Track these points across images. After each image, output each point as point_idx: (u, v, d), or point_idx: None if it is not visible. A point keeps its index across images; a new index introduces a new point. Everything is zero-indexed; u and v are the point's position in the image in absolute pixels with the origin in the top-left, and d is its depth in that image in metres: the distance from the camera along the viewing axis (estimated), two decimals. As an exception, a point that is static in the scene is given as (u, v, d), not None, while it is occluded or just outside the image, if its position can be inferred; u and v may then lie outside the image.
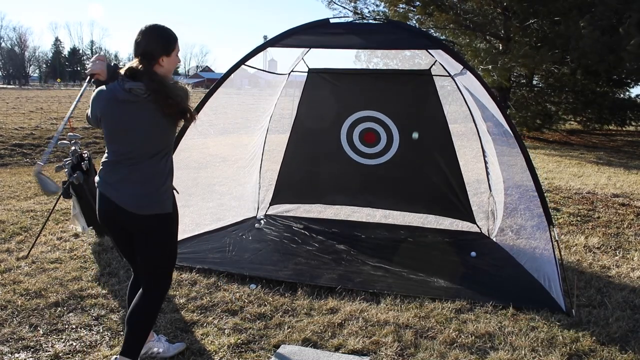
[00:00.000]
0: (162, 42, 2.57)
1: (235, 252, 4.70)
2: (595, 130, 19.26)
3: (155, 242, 2.66)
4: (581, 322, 3.47)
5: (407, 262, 4.58)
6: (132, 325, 2.64)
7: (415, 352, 3.07)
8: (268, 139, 6.08)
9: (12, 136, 12.32)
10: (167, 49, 2.57)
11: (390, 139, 5.64)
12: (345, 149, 5.80)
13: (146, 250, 2.67)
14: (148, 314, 2.69)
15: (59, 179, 8.20)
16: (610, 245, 5.24)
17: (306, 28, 4.29)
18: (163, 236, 2.67)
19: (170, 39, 2.60)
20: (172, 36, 2.62)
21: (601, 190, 7.93)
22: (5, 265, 4.32)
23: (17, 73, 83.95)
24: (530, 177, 3.82)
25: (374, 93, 5.66)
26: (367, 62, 17.37)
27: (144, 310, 2.67)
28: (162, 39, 2.58)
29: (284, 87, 5.90)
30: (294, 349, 3.07)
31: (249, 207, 5.95)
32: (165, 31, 2.60)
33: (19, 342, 3.09)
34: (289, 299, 3.77)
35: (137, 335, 2.65)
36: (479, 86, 4.11)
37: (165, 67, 2.59)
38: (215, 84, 4.50)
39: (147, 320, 2.69)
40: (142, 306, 2.67)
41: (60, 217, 5.86)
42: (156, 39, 2.56)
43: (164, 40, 2.58)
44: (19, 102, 21.86)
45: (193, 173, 5.11)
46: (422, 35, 4.55)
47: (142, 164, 2.57)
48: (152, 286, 2.71)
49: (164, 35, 2.59)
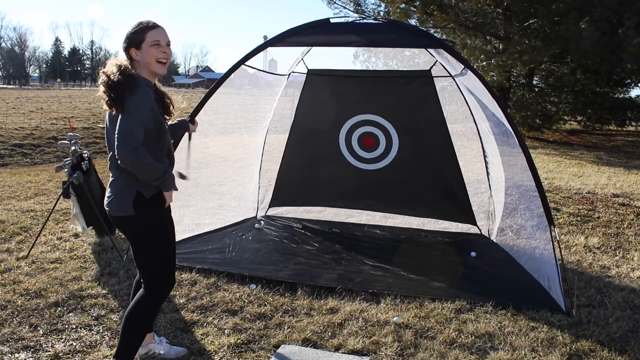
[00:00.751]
0: (128, 35, 2.56)
1: (235, 252, 4.70)
2: (595, 130, 19.25)
3: (131, 243, 2.67)
4: (581, 322, 3.47)
5: (407, 262, 4.58)
6: (126, 324, 2.62)
7: (415, 352, 3.07)
8: (268, 138, 6.07)
9: (12, 136, 12.32)
10: (133, 41, 2.54)
11: (390, 142, 5.61)
12: (344, 153, 5.76)
13: (131, 251, 2.70)
14: (142, 314, 2.65)
15: (59, 179, 8.20)
16: (610, 245, 5.24)
17: (307, 27, 4.29)
18: (135, 239, 2.63)
19: (135, 30, 2.55)
20: (138, 28, 2.55)
21: (601, 190, 7.93)
22: (5, 265, 4.32)
23: (17, 73, 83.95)
24: (532, 177, 3.82)
25: (373, 95, 5.62)
26: (366, 62, 17.37)
27: (136, 311, 2.64)
28: (129, 32, 2.56)
29: (283, 87, 5.89)
30: (294, 349, 3.07)
31: (249, 207, 5.95)
32: (133, 25, 2.58)
33: (19, 342, 3.09)
34: (289, 299, 3.77)
35: (131, 335, 2.62)
36: (480, 86, 4.10)
37: (139, 60, 2.54)
38: (215, 84, 4.49)
39: (142, 320, 2.65)
40: (135, 306, 2.66)
41: (60, 217, 5.86)
42: (125, 35, 2.58)
43: (130, 33, 2.56)
44: (19, 102, 21.86)
45: (193, 173, 5.10)
46: (423, 35, 4.55)
47: (111, 163, 2.59)
48: (147, 286, 2.68)
49: (131, 29, 2.57)
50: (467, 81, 4.69)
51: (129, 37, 2.55)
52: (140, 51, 2.53)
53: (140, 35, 2.53)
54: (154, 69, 2.57)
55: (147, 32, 2.53)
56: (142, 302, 2.66)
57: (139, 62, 2.55)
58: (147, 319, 2.71)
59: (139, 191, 2.54)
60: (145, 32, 2.54)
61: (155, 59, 2.55)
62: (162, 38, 2.56)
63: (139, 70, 2.56)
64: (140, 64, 2.55)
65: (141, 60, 2.54)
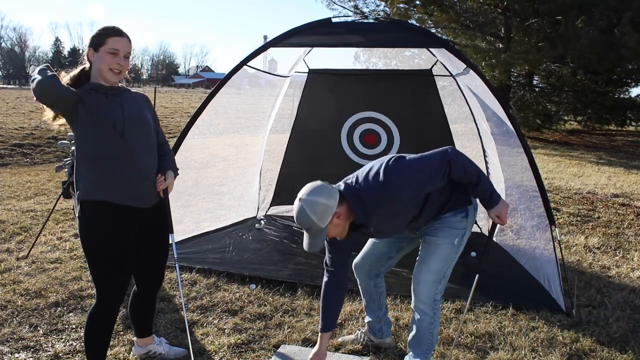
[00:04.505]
0: (92, 35, 2.50)
1: (235, 252, 4.70)
2: (595, 130, 19.26)
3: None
4: (581, 322, 3.47)
5: (407, 262, 4.56)
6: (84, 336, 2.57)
7: (416, 352, 3.06)
8: (268, 138, 6.08)
9: (12, 136, 12.32)
10: (93, 42, 2.46)
11: (391, 140, 5.63)
12: (346, 150, 5.79)
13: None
14: (88, 326, 2.53)
15: (59, 179, 8.20)
16: (610, 245, 5.24)
17: (308, 28, 4.29)
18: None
19: (99, 33, 2.47)
20: (102, 31, 2.47)
21: (601, 190, 7.93)
22: (5, 265, 4.32)
23: (17, 73, 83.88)
24: (533, 177, 3.81)
25: (374, 94, 5.64)
26: (367, 62, 17.37)
27: (87, 322, 2.55)
28: (93, 33, 2.50)
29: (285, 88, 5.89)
30: (294, 349, 3.07)
31: (249, 207, 5.95)
32: (100, 27, 2.52)
33: (19, 342, 3.09)
34: (289, 299, 3.77)
35: (87, 347, 2.57)
36: (482, 85, 4.10)
37: (94, 62, 2.46)
38: (218, 85, 4.49)
39: (90, 335, 2.53)
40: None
41: (60, 217, 5.86)
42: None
43: (94, 34, 2.49)
44: (19, 102, 21.84)
45: (193, 173, 5.11)
46: (425, 34, 4.55)
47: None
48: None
49: (96, 30, 2.50)
50: (469, 81, 4.69)
51: (91, 38, 2.49)
52: (97, 54, 2.44)
53: (101, 38, 2.44)
54: (105, 75, 2.45)
55: (108, 38, 2.44)
56: (90, 310, 2.55)
57: (93, 65, 2.47)
58: (96, 330, 2.54)
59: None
60: (106, 37, 2.44)
61: (108, 67, 2.43)
62: (121, 48, 2.44)
63: (93, 72, 2.48)
64: (93, 67, 2.47)
65: (94, 64, 2.45)
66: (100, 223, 2.42)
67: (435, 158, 2.52)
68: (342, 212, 2.46)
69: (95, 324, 2.53)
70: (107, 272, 2.46)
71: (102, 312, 2.51)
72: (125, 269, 2.52)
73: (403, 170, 2.49)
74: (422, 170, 2.49)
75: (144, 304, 2.83)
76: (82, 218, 2.44)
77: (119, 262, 2.47)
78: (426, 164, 2.51)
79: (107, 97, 2.46)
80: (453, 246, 2.68)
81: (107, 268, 2.45)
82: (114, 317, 2.56)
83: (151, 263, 2.70)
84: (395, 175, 2.47)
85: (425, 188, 2.51)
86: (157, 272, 2.75)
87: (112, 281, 2.47)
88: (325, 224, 2.40)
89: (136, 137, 2.48)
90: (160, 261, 2.75)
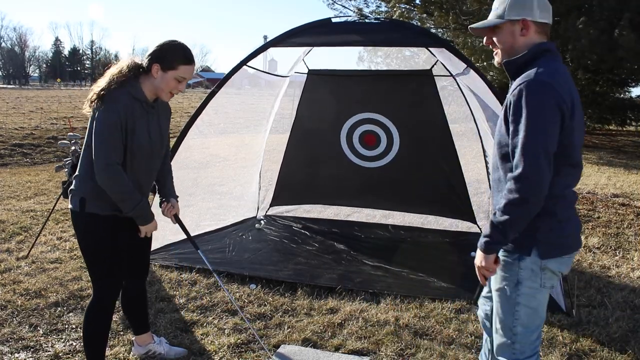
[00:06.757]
0: (164, 51, 2.46)
1: (235, 252, 4.70)
2: (595, 130, 19.25)
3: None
4: (581, 322, 3.46)
5: (407, 262, 4.58)
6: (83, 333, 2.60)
7: (415, 352, 3.06)
8: (268, 138, 6.08)
9: (12, 136, 12.31)
10: (164, 61, 2.43)
11: (391, 141, 5.62)
12: (345, 151, 5.78)
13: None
14: (86, 322, 2.56)
15: (59, 179, 8.20)
16: (610, 245, 5.24)
17: (308, 27, 4.29)
18: (78, 236, 2.56)
19: (175, 55, 2.44)
20: (179, 55, 2.44)
21: (601, 190, 7.93)
22: (5, 265, 4.32)
23: (17, 73, 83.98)
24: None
25: (374, 94, 5.64)
26: (369, 63, 17.37)
27: (84, 318, 2.59)
28: (165, 48, 2.47)
29: (285, 88, 5.89)
30: (294, 349, 3.07)
31: (249, 207, 5.95)
32: (174, 44, 2.49)
33: (19, 342, 3.09)
34: (289, 299, 3.77)
35: (85, 346, 2.60)
36: (483, 85, 4.10)
37: (155, 79, 2.44)
38: (218, 85, 4.49)
39: (89, 331, 2.56)
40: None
41: (60, 217, 5.86)
42: (160, 47, 2.48)
43: (166, 50, 2.46)
44: (19, 102, 21.85)
45: (193, 173, 5.11)
46: (425, 34, 4.55)
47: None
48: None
49: (170, 47, 2.48)
50: (469, 81, 4.69)
51: (163, 55, 2.43)
52: (163, 74, 2.42)
53: (174, 64, 2.42)
54: (162, 95, 2.48)
55: (181, 65, 2.42)
56: (87, 307, 2.59)
57: (154, 80, 2.45)
58: (95, 328, 2.56)
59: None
60: (180, 63, 2.42)
61: (169, 90, 2.46)
62: (188, 76, 2.46)
63: (144, 82, 2.46)
64: (153, 82, 2.45)
65: (157, 81, 2.44)
66: (99, 226, 2.49)
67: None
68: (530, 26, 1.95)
69: (94, 321, 2.56)
70: (107, 270, 2.53)
71: (100, 310, 2.56)
72: (122, 266, 2.62)
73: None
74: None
75: (135, 297, 2.86)
76: (80, 217, 2.48)
77: (117, 260, 2.56)
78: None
79: (147, 111, 2.48)
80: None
81: (106, 266, 2.52)
82: (110, 313, 2.61)
83: (138, 257, 2.77)
84: None
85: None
86: (143, 264, 2.84)
87: (112, 278, 2.56)
88: (505, 18, 1.99)
89: (149, 160, 2.55)
90: (145, 254, 2.83)
